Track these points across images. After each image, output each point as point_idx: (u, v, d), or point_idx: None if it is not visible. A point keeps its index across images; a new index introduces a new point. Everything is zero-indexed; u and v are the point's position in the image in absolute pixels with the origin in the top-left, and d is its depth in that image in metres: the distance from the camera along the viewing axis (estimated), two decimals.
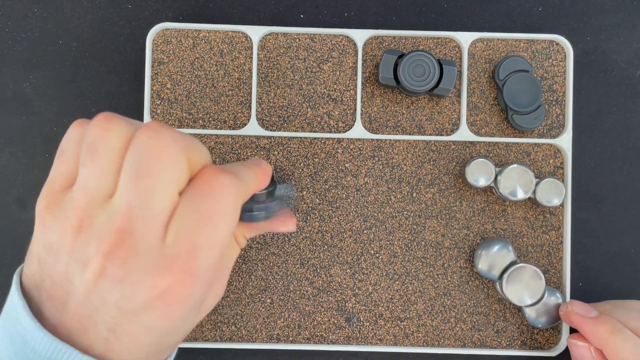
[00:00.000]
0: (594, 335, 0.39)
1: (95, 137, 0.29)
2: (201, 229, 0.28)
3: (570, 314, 0.41)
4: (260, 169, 0.34)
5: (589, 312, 0.40)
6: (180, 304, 0.28)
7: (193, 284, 0.28)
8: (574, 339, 0.41)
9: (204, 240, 0.28)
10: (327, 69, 0.45)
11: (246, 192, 0.32)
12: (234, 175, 0.30)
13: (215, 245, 0.29)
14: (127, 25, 0.46)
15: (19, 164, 0.46)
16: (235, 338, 0.45)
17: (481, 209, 0.45)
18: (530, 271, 0.42)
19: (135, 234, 0.27)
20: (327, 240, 0.45)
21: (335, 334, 0.45)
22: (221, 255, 0.30)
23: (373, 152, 0.45)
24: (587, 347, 0.39)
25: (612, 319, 0.39)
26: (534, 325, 0.44)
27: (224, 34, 0.46)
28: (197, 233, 0.28)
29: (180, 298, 0.28)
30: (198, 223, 0.28)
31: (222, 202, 0.29)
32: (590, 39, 0.47)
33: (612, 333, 0.38)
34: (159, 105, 0.45)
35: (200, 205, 0.28)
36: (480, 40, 0.46)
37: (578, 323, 0.40)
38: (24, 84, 0.46)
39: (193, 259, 0.28)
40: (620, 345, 0.37)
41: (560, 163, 0.45)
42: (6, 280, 0.45)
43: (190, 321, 0.31)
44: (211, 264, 0.29)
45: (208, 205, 0.28)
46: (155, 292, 0.27)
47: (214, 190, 0.29)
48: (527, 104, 0.44)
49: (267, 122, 0.45)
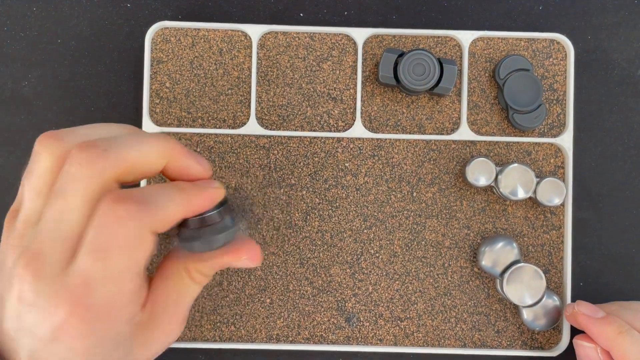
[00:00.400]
0: (601, 336, 0.38)
1: (32, 159, 0.29)
2: (95, 261, 0.27)
3: (576, 314, 0.40)
4: (202, 191, 0.30)
5: (595, 312, 0.40)
6: (81, 339, 0.27)
7: (90, 319, 0.27)
8: (580, 339, 0.40)
9: (98, 273, 0.27)
10: (326, 68, 0.45)
11: (162, 220, 0.28)
12: (138, 203, 0.27)
13: (110, 278, 0.27)
14: (126, 24, 0.46)
15: (17, 163, 0.46)
16: (234, 338, 0.44)
17: (482, 209, 0.45)
18: (530, 271, 0.42)
19: (43, 256, 0.27)
20: (327, 239, 0.45)
21: (335, 334, 0.45)
22: (132, 290, 0.28)
23: (373, 152, 0.45)
24: (594, 348, 0.39)
25: (619, 320, 0.38)
26: (532, 328, 0.44)
27: (224, 32, 0.45)
28: (91, 265, 0.27)
29: (79, 332, 0.27)
30: (93, 255, 0.27)
31: (117, 234, 0.27)
32: (591, 37, 0.47)
33: (619, 334, 0.37)
34: (157, 105, 0.45)
35: (97, 236, 0.27)
36: (480, 39, 0.46)
37: (585, 324, 0.39)
38: (22, 83, 0.46)
39: (86, 292, 0.27)
40: (628, 347, 0.37)
41: (561, 162, 0.45)
42: None
43: (117, 356, 0.29)
44: (112, 298, 0.27)
45: (104, 236, 0.27)
46: (55, 322, 0.26)
47: (109, 222, 0.27)
48: (528, 103, 0.44)
49: (266, 121, 0.45)
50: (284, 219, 0.45)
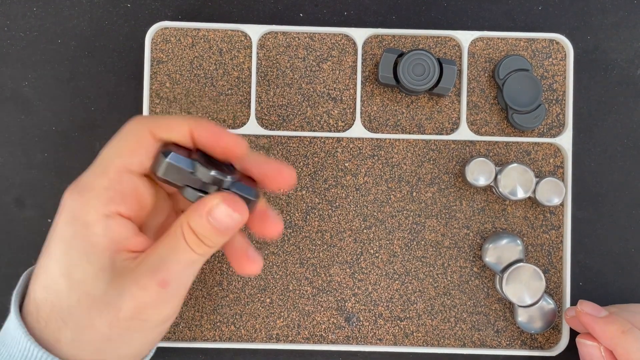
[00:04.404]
0: (604, 334, 0.38)
1: None
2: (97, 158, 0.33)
3: (580, 313, 0.40)
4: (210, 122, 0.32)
5: (599, 312, 0.39)
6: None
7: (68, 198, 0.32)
8: (583, 338, 0.40)
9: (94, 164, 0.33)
10: (326, 68, 0.45)
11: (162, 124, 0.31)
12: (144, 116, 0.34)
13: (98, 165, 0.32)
14: (126, 24, 0.46)
15: (17, 163, 0.46)
16: (234, 338, 0.45)
17: (481, 209, 0.45)
18: (530, 271, 0.42)
19: None
20: (327, 239, 0.45)
21: (335, 334, 0.45)
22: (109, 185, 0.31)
23: (373, 152, 0.45)
24: (597, 347, 0.39)
25: (622, 319, 0.38)
26: (526, 331, 0.44)
27: (224, 32, 0.45)
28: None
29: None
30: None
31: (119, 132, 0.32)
32: (590, 37, 0.47)
33: (623, 333, 0.37)
34: (158, 105, 0.45)
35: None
36: (480, 39, 0.46)
37: (588, 323, 0.39)
38: (22, 83, 0.46)
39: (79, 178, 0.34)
40: (632, 346, 0.37)
41: (561, 162, 0.45)
42: (5, 280, 0.45)
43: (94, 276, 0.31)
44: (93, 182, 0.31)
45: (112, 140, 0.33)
46: None
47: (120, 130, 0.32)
48: (527, 103, 0.44)
49: (266, 121, 0.45)
50: (284, 218, 0.45)
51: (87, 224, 0.30)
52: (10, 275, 0.45)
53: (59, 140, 0.46)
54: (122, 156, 0.31)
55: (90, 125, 0.46)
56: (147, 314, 0.30)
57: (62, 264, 0.30)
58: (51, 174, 0.46)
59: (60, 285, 0.30)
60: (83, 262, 0.30)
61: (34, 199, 0.46)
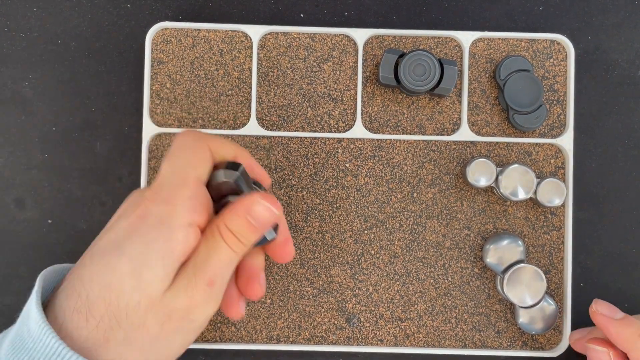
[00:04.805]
0: (619, 337, 0.38)
1: None
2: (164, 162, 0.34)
3: (594, 314, 0.39)
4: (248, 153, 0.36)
5: (615, 313, 0.39)
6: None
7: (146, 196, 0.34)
8: (593, 343, 0.40)
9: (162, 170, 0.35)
10: (327, 69, 0.45)
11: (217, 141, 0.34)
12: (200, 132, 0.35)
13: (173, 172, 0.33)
14: (127, 25, 0.46)
15: (17, 163, 0.46)
16: (235, 339, 0.44)
17: (482, 209, 0.45)
18: (531, 272, 0.42)
19: None
20: (327, 240, 0.45)
21: (336, 335, 0.45)
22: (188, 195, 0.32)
23: (373, 152, 0.45)
24: (607, 352, 0.38)
25: (639, 322, 0.38)
26: (527, 332, 0.44)
27: (224, 33, 0.45)
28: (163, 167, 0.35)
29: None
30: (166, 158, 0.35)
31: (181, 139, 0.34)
32: (591, 38, 0.47)
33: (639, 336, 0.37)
34: (158, 105, 0.45)
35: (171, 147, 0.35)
36: (481, 39, 0.46)
37: (604, 324, 0.39)
38: (23, 83, 0.46)
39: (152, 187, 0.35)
40: None
41: (562, 163, 0.45)
42: (5, 280, 0.45)
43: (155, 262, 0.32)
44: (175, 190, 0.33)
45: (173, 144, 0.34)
46: None
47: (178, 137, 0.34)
48: (528, 103, 0.44)
49: (267, 122, 0.45)
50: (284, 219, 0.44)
51: (172, 230, 0.31)
52: (10, 275, 0.45)
53: (59, 140, 0.46)
54: (196, 168, 0.33)
55: (90, 125, 0.46)
56: (195, 314, 0.32)
57: (136, 263, 0.30)
58: (51, 174, 0.45)
59: (126, 285, 0.30)
60: (158, 264, 0.30)
61: (34, 199, 0.45)
